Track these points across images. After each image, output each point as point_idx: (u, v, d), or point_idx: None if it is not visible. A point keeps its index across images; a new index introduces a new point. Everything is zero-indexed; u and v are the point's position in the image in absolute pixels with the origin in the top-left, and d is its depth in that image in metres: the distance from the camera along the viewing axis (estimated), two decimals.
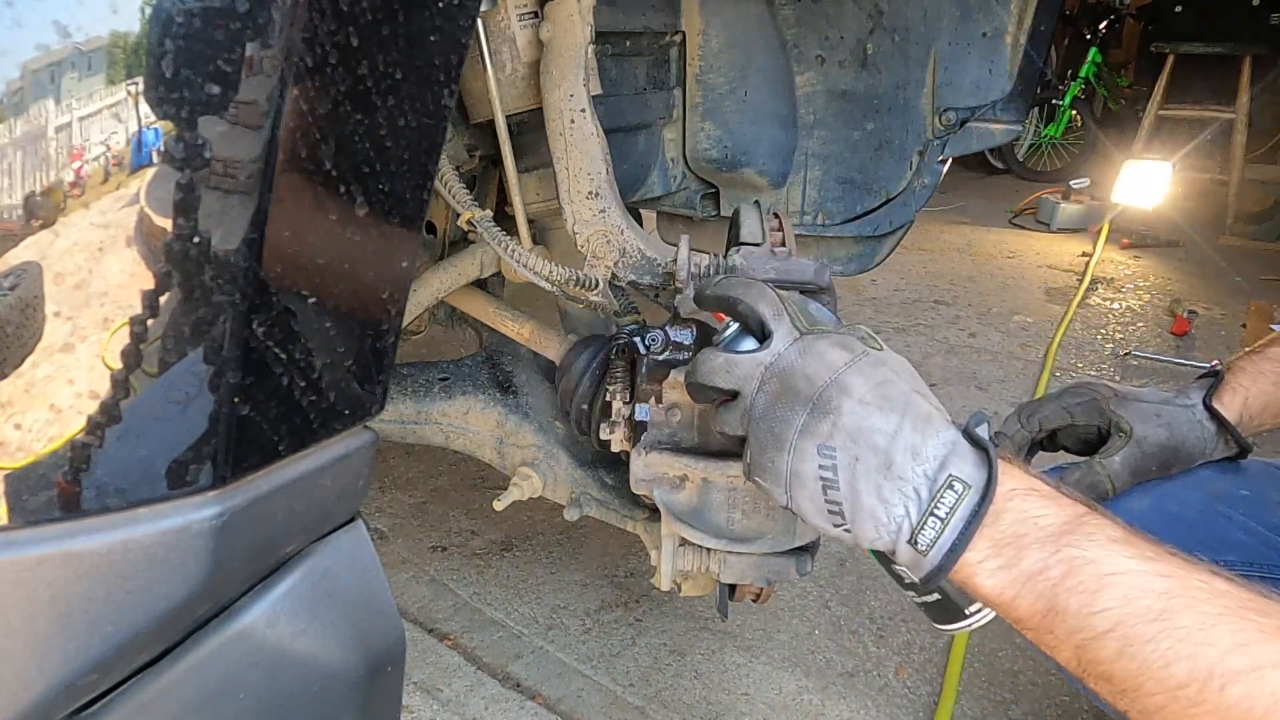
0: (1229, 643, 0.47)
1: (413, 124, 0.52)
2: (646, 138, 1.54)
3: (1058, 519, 0.55)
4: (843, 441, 0.59)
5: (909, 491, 0.58)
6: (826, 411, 0.60)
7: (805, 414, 0.61)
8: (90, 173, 0.42)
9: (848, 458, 0.59)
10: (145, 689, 0.49)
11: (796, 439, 0.61)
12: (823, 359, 0.63)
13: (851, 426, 0.59)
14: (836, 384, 0.61)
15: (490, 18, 1.00)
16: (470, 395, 1.27)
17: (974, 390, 2.60)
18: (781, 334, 0.66)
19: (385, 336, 0.56)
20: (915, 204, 1.55)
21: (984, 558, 0.56)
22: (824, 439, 0.60)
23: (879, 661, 1.52)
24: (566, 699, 1.43)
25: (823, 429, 0.60)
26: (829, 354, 0.63)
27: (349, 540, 0.58)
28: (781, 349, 0.65)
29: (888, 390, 0.61)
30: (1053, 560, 0.54)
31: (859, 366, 0.62)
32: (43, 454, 0.43)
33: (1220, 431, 0.93)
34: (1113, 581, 0.52)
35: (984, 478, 0.57)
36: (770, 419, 0.63)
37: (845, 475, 0.59)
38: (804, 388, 0.62)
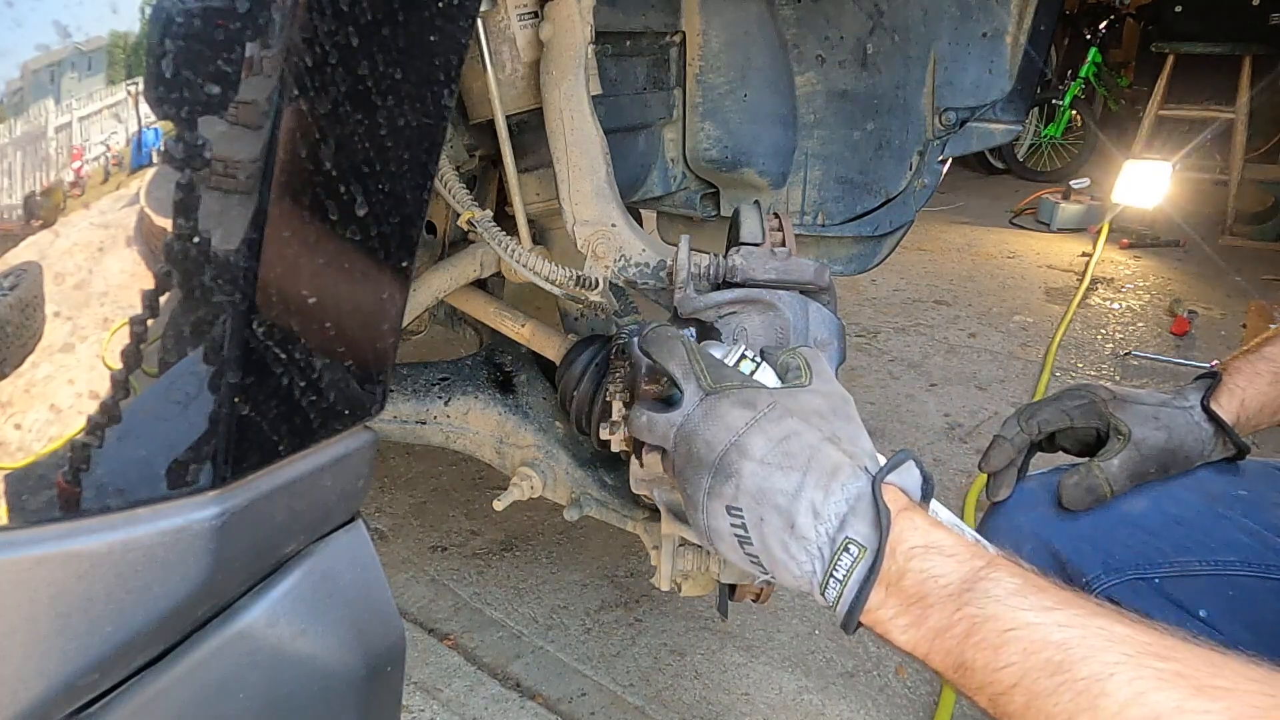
0: (1126, 694, 0.48)
1: (413, 124, 0.52)
2: (646, 138, 1.54)
3: (957, 576, 0.57)
4: (747, 503, 0.61)
5: (813, 550, 0.60)
6: (729, 475, 0.62)
7: (709, 477, 0.63)
8: (90, 173, 0.42)
9: (754, 518, 0.61)
10: (145, 689, 0.48)
11: (706, 500, 0.63)
12: (722, 421, 0.64)
13: (753, 489, 0.61)
14: (736, 447, 0.63)
15: (490, 18, 1.00)
16: (470, 395, 1.27)
17: (974, 390, 2.60)
18: (689, 393, 0.68)
19: (385, 336, 0.56)
20: (915, 204, 1.55)
21: (894, 615, 0.58)
22: (730, 500, 0.62)
23: (879, 661, 1.52)
24: (566, 699, 1.43)
25: (727, 491, 0.62)
26: (729, 415, 0.64)
27: (349, 540, 0.58)
28: (689, 410, 0.67)
29: (790, 446, 0.62)
30: (955, 618, 0.55)
31: (760, 425, 0.63)
32: (43, 454, 0.43)
33: (1218, 433, 0.93)
34: (1012, 637, 0.53)
35: (877, 540, 0.58)
36: (683, 480, 0.66)
37: (755, 533, 0.61)
38: (705, 453, 0.64)
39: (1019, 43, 1.36)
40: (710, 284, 0.96)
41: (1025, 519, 1.00)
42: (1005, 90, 1.39)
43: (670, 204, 1.70)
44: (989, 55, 1.39)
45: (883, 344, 2.95)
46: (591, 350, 1.12)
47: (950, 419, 2.41)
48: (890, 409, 2.45)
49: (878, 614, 0.59)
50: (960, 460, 2.19)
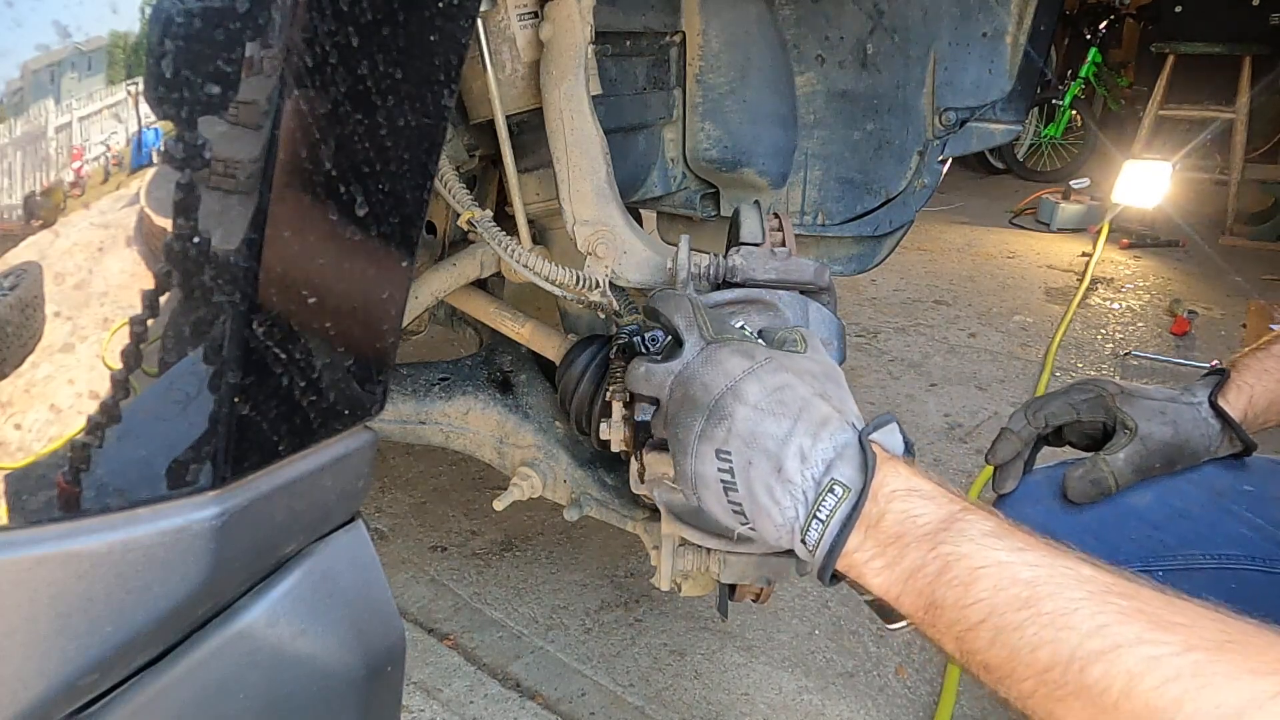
0: (1089, 626, 0.49)
1: (413, 124, 0.52)
2: (646, 138, 1.54)
3: (935, 517, 0.58)
4: (737, 446, 0.62)
5: (798, 494, 0.61)
6: (721, 417, 0.63)
7: (703, 420, 0.64)
8: (90, 173, 0.42)
9: (742, 461, 0.62)
10: (145, 689, 0.49)
11: (696, 443, 0.64)
12: (721, 367, 0.66)
13: (745, 432, 0.62)
14: (732, 391, 0.64)
15: (490, 18, 1.00)
16: (470, 395, 1.27)
17: (974, 390, 2.60)
18: (690, 343, 0.70)
19: (385, 336, 0.56)
20: (915, 204, 1.55)
21: (870, 557, 0.59)
22: (720, 444, 0.63)
23: (879, 661, 1.52)
24: (566, 699, 1.43)
25: (718, 434, 0.63)
26: (728, 362, 0.66)
27: (349, 540, 0.58)
28: (689, 358, 0.69)
29: (783, 395, 0.63)
30: (929, 557, 0.56)
31: (757, 374, 0.65)
32: (43, 454, 0.43)
33: (1225, 429, 0.93)
34: (983, 574, 0.54)
35: (861, 481, 0.59)
36: (676, 424, 0.67)
37: (741, 478, 0.62)
38: (701, 395, 0.65)
39: (1019, 43, 1.36)
40: (710, 284, 0.96)
41: (1030, 511, 1.00)
42: (1005, 90, 1.39)
43: (670, 204, 1.70)
44: (989, 55, 1.39)
45: (883, 344, 2.95)
46: (591, 350, 1.12)
47: (950, 419, 2.41)
48: (890, 409, 2.45)
49: (854, 556, 0.60)
50: (960, 460, 2.19)
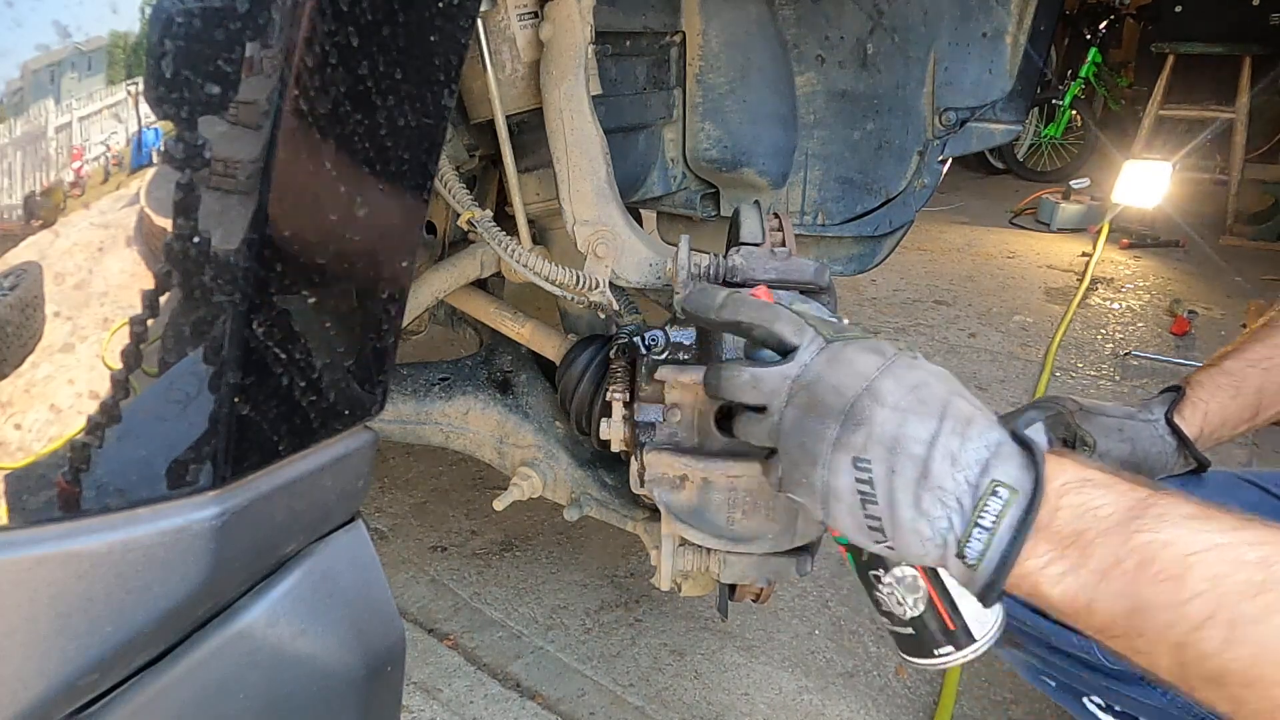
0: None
1: (413, 124, 0.52)
2: (646, 138, 1.54)
3: (1121, 505, 0.50)
4: (878, 453, 0.56)
5: (950, 501, 0.54)
6: (860, 422, 0.57)
7: (838, 427, 0.58)
8: (90, 173, 0.42)
9: (884, 470, 0.56)
10: (145, 689, 0.49)
11: (830, 453, 0.58)
12: (852, 367, 0.60)
13: (887, 436, 0.56)
14: (869, 392, 0.58)
15: (490, 18, 1.00)
16: (470, 395, 1.27)
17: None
18: (806, 343, 0.63)
19: (385, 336, 0.56)
20: (915, 204, 1.55)
21: (1046, 563, 0.51)
22: (859, 451, 0.57)
23: (879, 661, 1.52)
24: (566, 699, 1.43)
25: (857, 441, 0.57)
26: (858, 360, 0.60)
27: (349, 540, 0.58)
28: (807, 360, 0.62)
29: (923, 394, 0.58)
30: (1124, 551, 0.48)
31: (892, 371, 0.59)
32: (43, 454, 0.43)
33: (1180, 447, 0.94)
34: (1198, 561, 0.45)
35: (1031, 480, 0.53)
36: (801, 433, 0.60)
37: (882, 489, 0.56)
38: (834, 400, 0.59)
39: (1019, 43, 1.36)
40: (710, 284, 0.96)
41: None
42: (1005, 90, 1.39)
43: (670, 204, 1.70)
44: (989, 55, 1.39)
45: None
46: (591, 350, 1.12)
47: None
48: None
49: (1025, 565, 0.52)
50: None
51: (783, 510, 0.90)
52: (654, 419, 0.91)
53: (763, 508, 0.90)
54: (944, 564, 0.56)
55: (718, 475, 0.89)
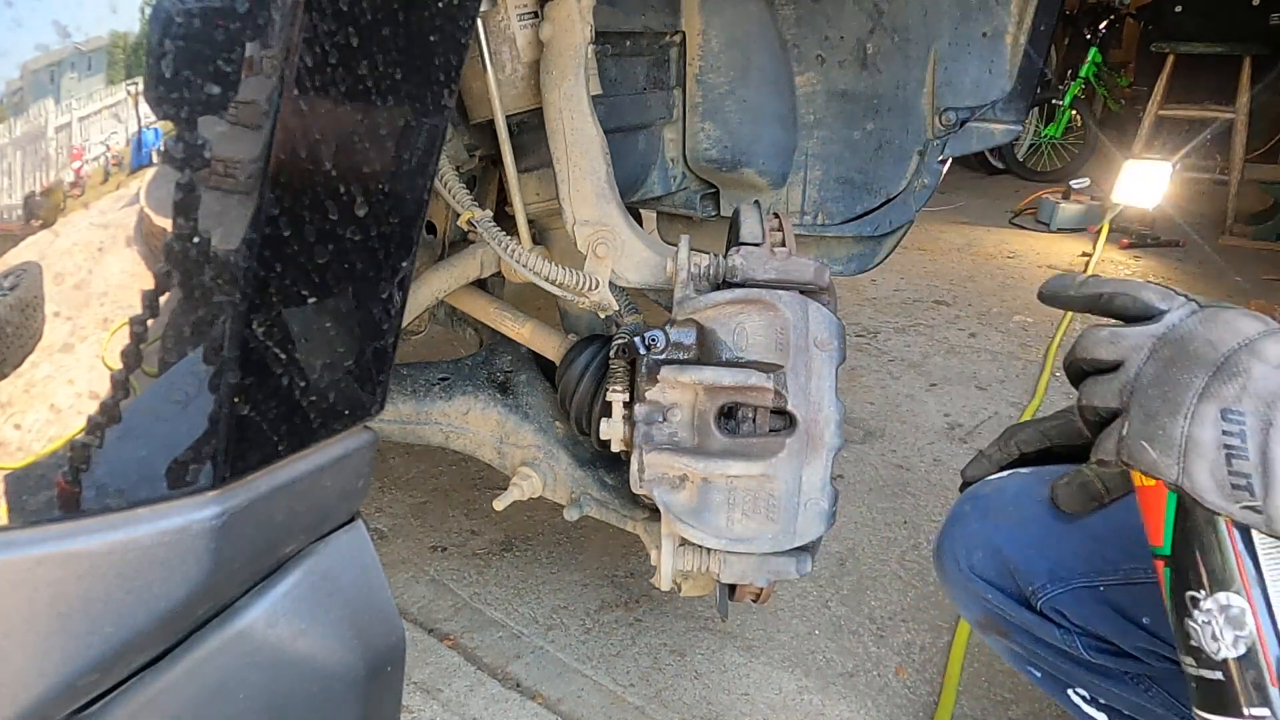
0: None
1: (413, 124, 0.52)
2: (646, 138, 1.54)
3: None
4: (1254, 406, 0.53)
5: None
6: (1234, 374, 0.55)
7: (1207, 376, 0.55)
8: (90, 173, 0.42)
9: (1259, 423, 0.53)
10: (145, 689, 0.48)
11: (1195, 403, 0.55)
12: (1230, 326, 0.57)
13: (1266, 390, 0.53)
14: (1248, 348, 0.55)
15: (490, 18, 1.00)
16: (470, 395, 1.27)
17: (974, 390, 2.60)
18: (1176, 307, 0.61)
19: (385, 336, 0.56)
20: (915, 204, 1.55)
21: None
22: (1229, 403, 0.54)
23: (879, 661, 1.52)
24: (566, 699, 1.43)
25: (1228, 392, 0.54)
26: (1237, 322, 0.58)
27: (349, 540, 0.58)
28: (1176, 320, 0.60)
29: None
30: None
31: (1276, 335, 0.56)
32: (43, 454, 0.43)
33: None
34: None
35: None
36: (1163, 383, 0.57)
37: (1255, 442, 0.53)
38: (1207, 352, 0.56)
39: (1019, 43, 1.36)
40: (710, 284, 0.96)
41: (978, 526, 1.00)
42: (1005, 90, 1.40)
43: (670, 204, 1.70)
44: (989, 55, 1.39)
45: (883, 344, 2.95)
46: (591, 350, 1.12)
47: (950, 419, 2.41)
48: (890, 409, 2.45)
49: None
50: (960, 460, 2.19)
51: (783, 510, 0.90)
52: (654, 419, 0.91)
53: (763, 507, 0.90)
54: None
55: (718, 475, 0.89)
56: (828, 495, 0.90)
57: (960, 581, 1.03)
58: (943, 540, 1.07)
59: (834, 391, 0.89)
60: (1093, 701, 0.99)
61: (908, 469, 2.11)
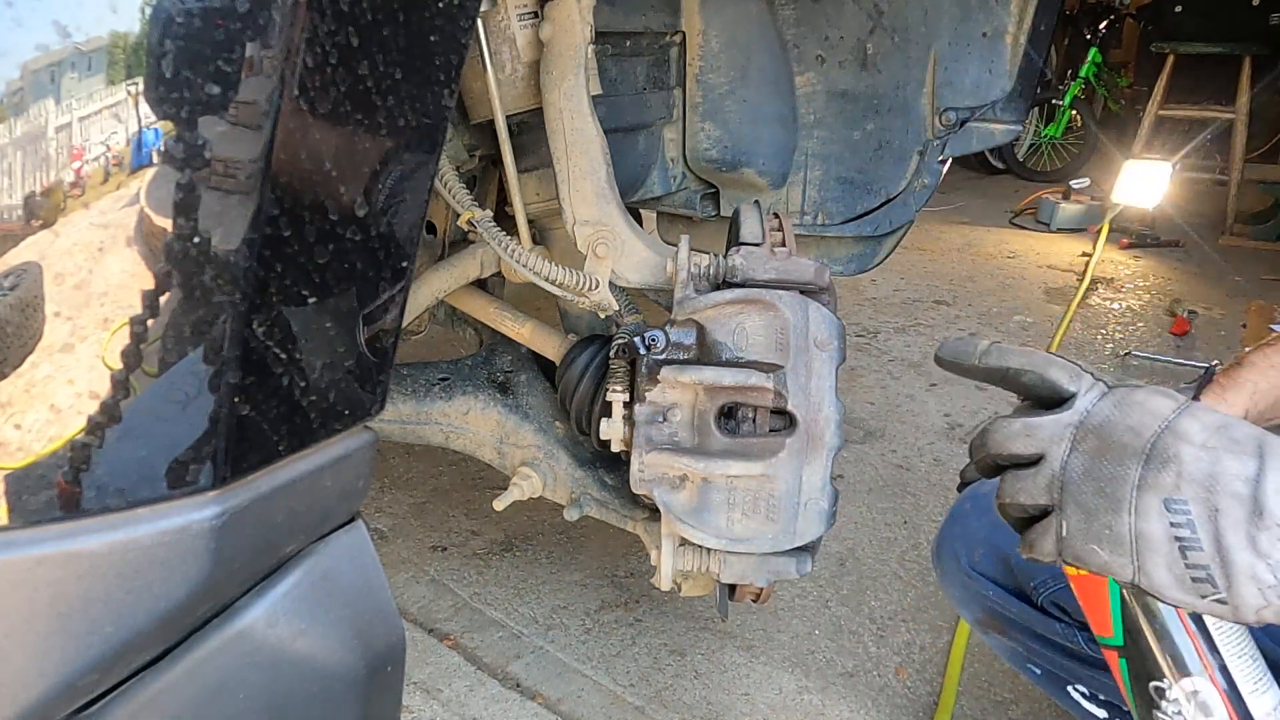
0: None
1: (413, 124, 0.52)
2: (646, 138, 1.54)
3: None
4: (1194, 492, 0.52)
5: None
6: (1166, 461, 0.53)
7: (1139, 466, 0.54)
8: (90, 173, 0.42)
9: (1204, 510, 0.52)
10: (145, 689, 0.48)
11: (1135, 496, 0.54)
12: (1145, 408, 0.56)
13: (1201, 474, 0.52)
14: (1170, 430, 0.54)
15: (490, 18, 1.00)
16: (470, 395, 1.27)
17: (974, 390, 2.60)
18: (1084, 389, 0.60)
19: (385, 336, 0.56)
20: (915, 204, 1.55)
21: None
22: (1169, 492, 0.53)
23: (879, 661, 1.52)
24: (566, 699, 1.43)
25: (1165, 481, 0.53)
26: (1151, 402, 0.57)
27: (349, 540, 0.58)
28: (1089, 405, 0.59)
29: (1232, 433, 0.54)
30: None
31: (1191, 412, 0.55)
32: (43, 454, 0.43)
33: None
34: None
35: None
36: (1095, 477, 0.56)
37: (1206, 532, 0.52)
38: (1131, 440, 0.55)
39: (1019, 43, 1.36)
40: (710, 284, 0.96)
41: (977, 524, 1.00)
42: (1005, 90, 1.40)
43: (670, 204, 1.70)
44: (989, 55, 1.39)
45: (883, 344, 2.95)
46: (591, 350, 1.12)
47: (950, 419, 2.41)
48: (890, 409, 2.45)
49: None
50: (960, 460, 2.18)
51: (783, 510, 0.90)
52: (654, 419, 0.91)
53: (763, 508, 0.90)
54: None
55: (718, 475, 0.89)
56: (828, 495, 0.90)
57: (960, 579, 1.03)
58: (943, 538, 1.07)
59: (834, 391, 0.89)
60: (1093, 698, 0.99)
61: (908, 469, 2.11)
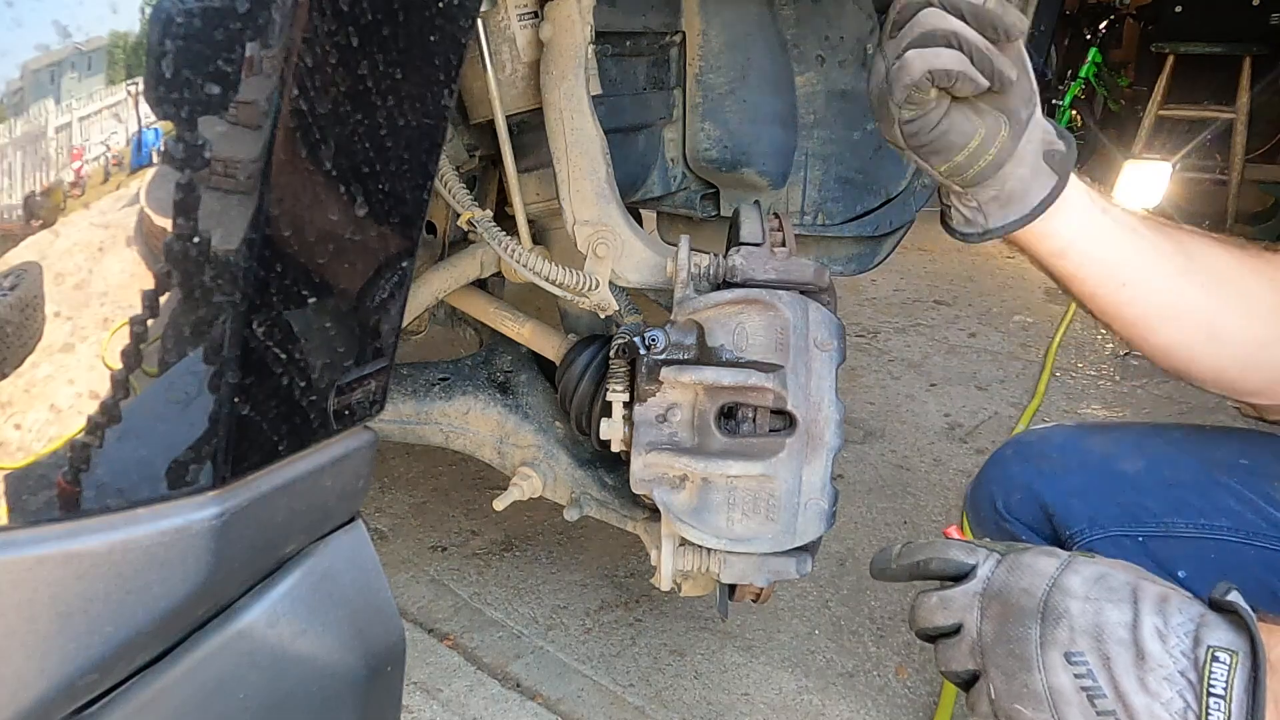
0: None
1: (413, 124, 0.52)
2: (646, 138, 1.54)
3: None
4: (1086, 644, 0.57)
5: (1174, 677, 0.54)
6: (1058, 617, 0.59)
7: (1038, 626, 0.59)
8: (90, 173, 0.42)
9: (1098, 659, 0.57)
10: (145, 689, 0.48)
11: (1040, 653, 0.59)
12: (1032, 569, 0.62)
13: (1088, 625, 0.58)
14: (1057, 587, 0.60)
15: (490, 18, 1.00)
16: (470, 395, 1.27)
17: (974, 390, 2.60)
18: (981, 562, 0.66)
19: (385, 336, 0.56)
20: (915, 204, 1.55)
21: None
22: (1066, 646, 0.58)
23: (879, 661, 1.52)
24: (566, 699, 1.43)
25: (1061, 636, 0.58)
26: (1037, 563, 0.63)
27: (349, 540, 0.58)
28: (987, 574, 0.65)
29: (1109, 582, 0.60)
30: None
31: (1072, 567, 0.62)
32: (43, 454, 0.43)
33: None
34: None
35: (1246, 640, 0.53)
36: (1006, 642, 0.61)
37: (1104, 679, 0.56)
38: (1025, 601, 0.61)
39: None
40: (710, 284, 0.96)
41: (1018, 470, 1.00)
42: None
43: (670, 204, 1.70)
44: None
45: (883, 344, 2.95)
46: (591, 350, 1.12)
47: (950, 419, 2.41)
48: (890, 409, 2.45)
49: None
50: (960, 460, 2.19)
51: (783, 510, 0.90)
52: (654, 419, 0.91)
53: (763, 508, 0.90)
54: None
55: (718, 475, 0.89)
56: (828, 495, 0.90)
57: (994, 521, 1.03)
58: (980, 480, 1.07)
59: (834, 391, 0.89)
60: None
61: (908, 469, 2.11)
